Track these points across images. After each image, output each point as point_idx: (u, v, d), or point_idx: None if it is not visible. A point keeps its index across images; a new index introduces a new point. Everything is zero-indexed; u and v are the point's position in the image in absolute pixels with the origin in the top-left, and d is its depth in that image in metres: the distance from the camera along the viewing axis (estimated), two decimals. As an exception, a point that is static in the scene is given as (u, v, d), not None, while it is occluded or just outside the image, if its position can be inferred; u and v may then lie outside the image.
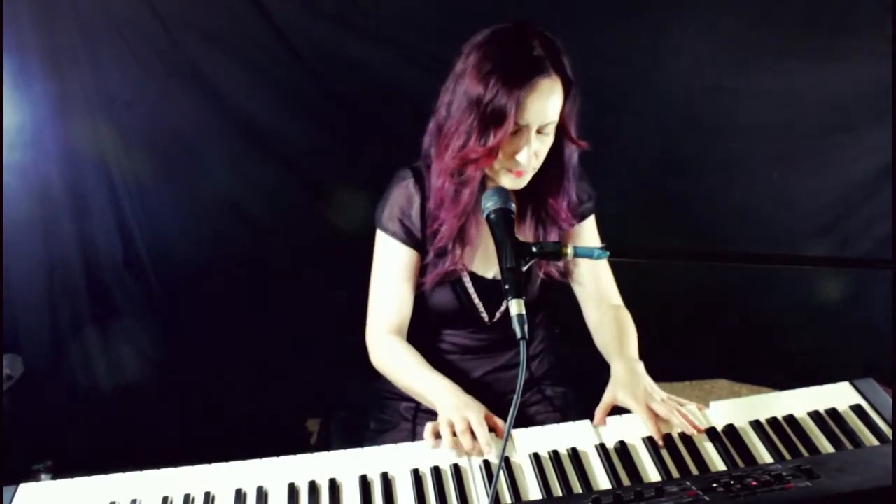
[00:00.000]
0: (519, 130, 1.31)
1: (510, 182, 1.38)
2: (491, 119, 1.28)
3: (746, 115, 2.37)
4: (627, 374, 1.37)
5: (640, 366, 1.41)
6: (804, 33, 2.26)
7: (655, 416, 1.28)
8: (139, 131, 2.19)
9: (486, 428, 1.27)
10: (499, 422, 1.31)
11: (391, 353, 1.50)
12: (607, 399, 1.35)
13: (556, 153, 1.41)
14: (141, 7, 2.07)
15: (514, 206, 1.20)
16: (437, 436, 1.28)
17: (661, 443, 1.26)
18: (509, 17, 1.38)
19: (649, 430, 1.28)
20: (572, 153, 1.45)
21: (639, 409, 1.30)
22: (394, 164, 1.53)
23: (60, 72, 2.05)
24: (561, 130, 1.37)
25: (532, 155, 1.34)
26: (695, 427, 1.27)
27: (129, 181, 2.21)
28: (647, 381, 1.36)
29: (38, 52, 2.00)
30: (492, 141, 1.29)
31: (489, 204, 1.19)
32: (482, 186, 1.43)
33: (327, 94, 2.28)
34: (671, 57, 2.31)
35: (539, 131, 1.32)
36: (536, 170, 1.39)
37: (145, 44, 2.11)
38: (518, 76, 1.27)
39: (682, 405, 1.32)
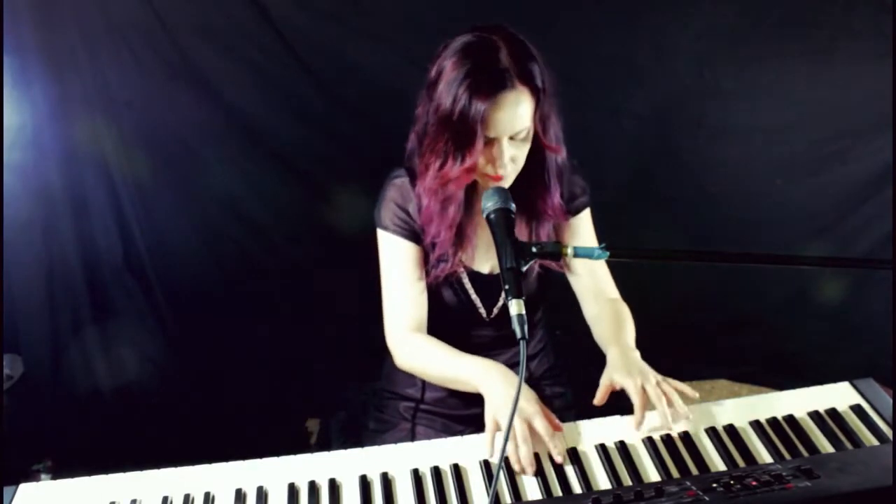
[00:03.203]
0: (490, 142, 1.32)
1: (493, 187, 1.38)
2: (461, 137, 1.30)
3: (746, 116, 2.37)
4: (622, 358, 1.38)
5: (636, 353, 1.41)
6: (804, 34, 2.26)
7: (646, 398, 1.29)
8: (139, 131, 2.19)
9: (548, 426, 1.26)
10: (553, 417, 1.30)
11: (419, 349, 1.48)
12: (605, 382, 1.35)
13: (535, 155, 1.41)
14: (141, 7, 2.07)
15: (514, 205, 1.20)
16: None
17: (638, 426, 1.28)
18: (509, 17, 1.37)
19: (636, 407, 1.28)
20: (553, 154, 1.45)
21: (632, 386, 1.30)
22: (394, 165, 1.53)
23: (60, 72, 2.05)
24: (537, 135, 1.37)
25: (508, 161, 1.35)
26: (672, 420, 1.27)
27: (129, 181, 2.22)
28: (642, 364, 1.36)
29: (38, 52, 2.01)
30: (467, 161, 1.31)
31: (489, 204, 1.19)
32: (474, 187, 1.45)
33: (327, 95, 2.28)
34: (671, 57, 2.31)
35: (513, 138, 1.33)
36: (518, 171, 1.39)
37: (145, 44, 2.11)
38: (481, 92, 1.27)
39: (676, 391, 1.32)
